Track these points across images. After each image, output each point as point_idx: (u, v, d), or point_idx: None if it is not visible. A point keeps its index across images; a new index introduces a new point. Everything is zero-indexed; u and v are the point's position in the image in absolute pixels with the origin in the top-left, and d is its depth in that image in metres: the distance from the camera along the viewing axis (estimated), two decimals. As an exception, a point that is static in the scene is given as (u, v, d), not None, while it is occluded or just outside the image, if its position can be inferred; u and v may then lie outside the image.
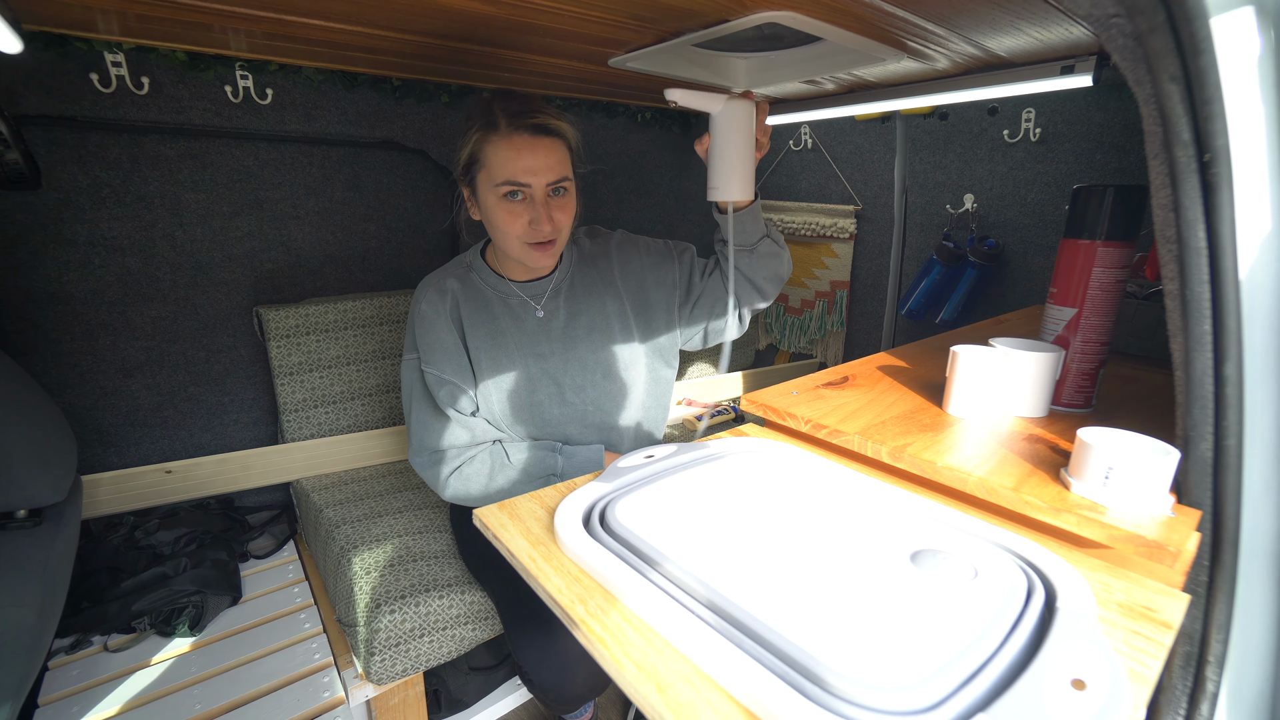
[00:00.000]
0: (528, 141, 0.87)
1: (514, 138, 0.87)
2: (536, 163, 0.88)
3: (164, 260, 1.32)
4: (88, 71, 1.16)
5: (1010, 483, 0.53)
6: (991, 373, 0.66)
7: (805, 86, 1.42)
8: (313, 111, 1.40)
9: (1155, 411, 0.72)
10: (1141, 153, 0.47)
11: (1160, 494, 0.48)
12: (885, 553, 0.46)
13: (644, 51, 1.09)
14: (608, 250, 1.08)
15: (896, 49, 1.03)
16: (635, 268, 1.07)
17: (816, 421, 0.67)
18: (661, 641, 0.40)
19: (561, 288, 1.03)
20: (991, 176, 1.59)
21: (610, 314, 1.04)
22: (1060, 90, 1.19)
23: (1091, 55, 1.07)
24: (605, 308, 1.04)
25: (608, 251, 1.08)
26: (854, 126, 1.87)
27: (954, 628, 0.37)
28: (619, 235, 1.11)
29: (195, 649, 1.06)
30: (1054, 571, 0.44)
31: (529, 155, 0.87)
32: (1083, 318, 0.69)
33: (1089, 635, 0.37)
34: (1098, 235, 0.66)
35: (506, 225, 0.90)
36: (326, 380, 1.42)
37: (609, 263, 1.07)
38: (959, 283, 1.62)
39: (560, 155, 0.90)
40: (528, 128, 0.87)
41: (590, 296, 1.04)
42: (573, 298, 1.03)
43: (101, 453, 1.33)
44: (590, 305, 1.03)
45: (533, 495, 0.58)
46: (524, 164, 0.87)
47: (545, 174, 0.88)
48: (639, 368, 1.07)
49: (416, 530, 1.19)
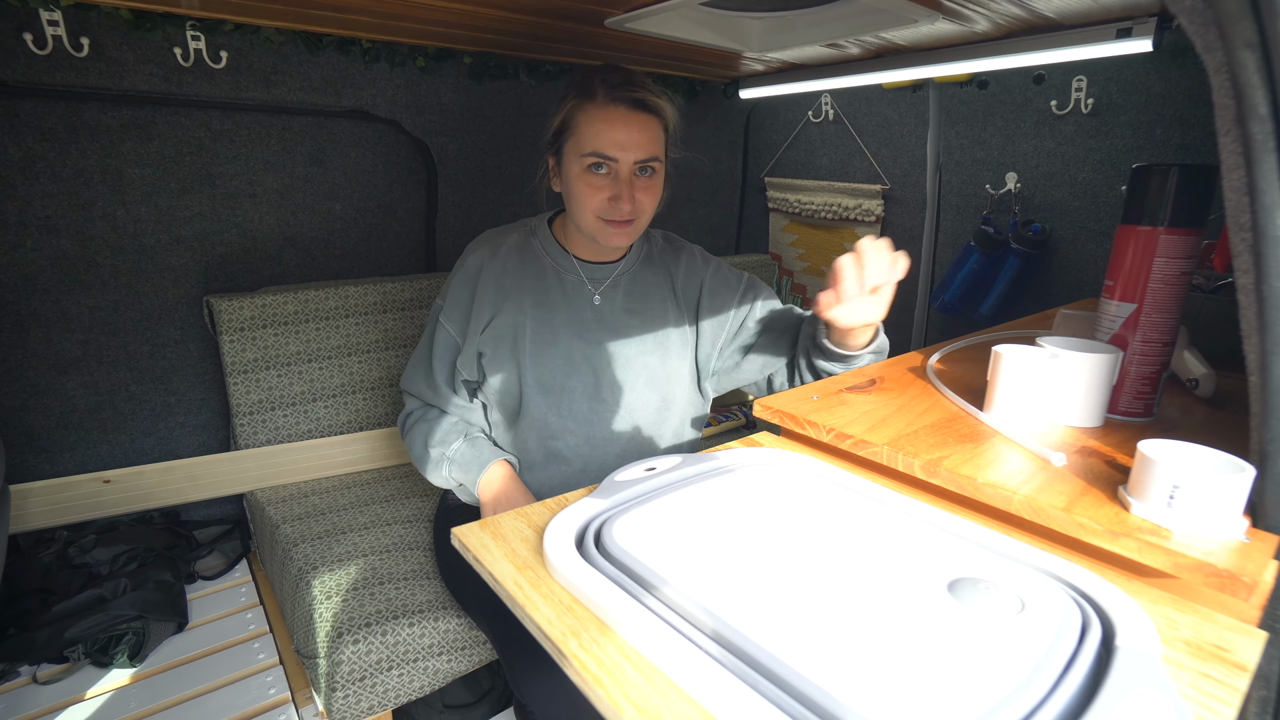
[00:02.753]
0: (622, 115, 0.91)
1: (609, 110, 0.91)
2: (628, 138, 0.91)
3: (104, 243, 1.31)
4: (20, 31, 1.15)
5: (1061, 502, 0.52)
6: (1039, 376, 0.66)
7: (827, 50, 1.41)
8: (272, 77, 1.39)
9: (1226, 422, 0.71)
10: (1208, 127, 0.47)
11: (1233, 516, 0.47)
12: (919, 581, 0.45)
13: (645, 10, 1.09)
14: (679, 257, 1.12)
15: (931, 8, 1.02)
16: (695, 284, 1.10)
17: (840, 430, 0.67)
18: (665, 680, 0.39)
19: (622, 280, 1.06)
20: (1037, 153, 1.58)
21: (669, 321, 1.07)
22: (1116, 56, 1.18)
23: (1152, 17, 1.06)
24: (666, 314, 1.08)
25: (678, 258, 1.12)
26: (881, 96, 1.86)
27: (998, 668, 0.37)
28: (695, 248, 1.15)
29: (135, 681, 1.06)
30: (1112, 604, 0.43)
31: (621, 129, 0.91)
32: (1143, 314, 0.68)
33: (1153, 678, 0.36)
34: (1160, 221, 0.66)
35: (586, 198, 0.94)
36: (285, 379, 1.41)
37: (677, 269, 1.11)
38: (1000, 273, 1.62)
39: (654, 134, 0.94)
40: (625, 100, 0.91)
41: (650, 297, 1.07)
42: (633, 293, 1.06)
43: (32, 459, 1.32)
44: (649, 306, 1.07)
45: (519, 512, 0.58)
46: (614, 137, 0.91)
47: (635, 150, 0.92)
48: (683, 385, 1.09)
49: (384, 549, 1.18)
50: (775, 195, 2.19)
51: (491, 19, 1.23)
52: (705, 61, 1.63)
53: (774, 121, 2.16)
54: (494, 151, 1.71)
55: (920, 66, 1.37)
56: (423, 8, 1.14)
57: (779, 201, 2.18)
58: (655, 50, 1.51)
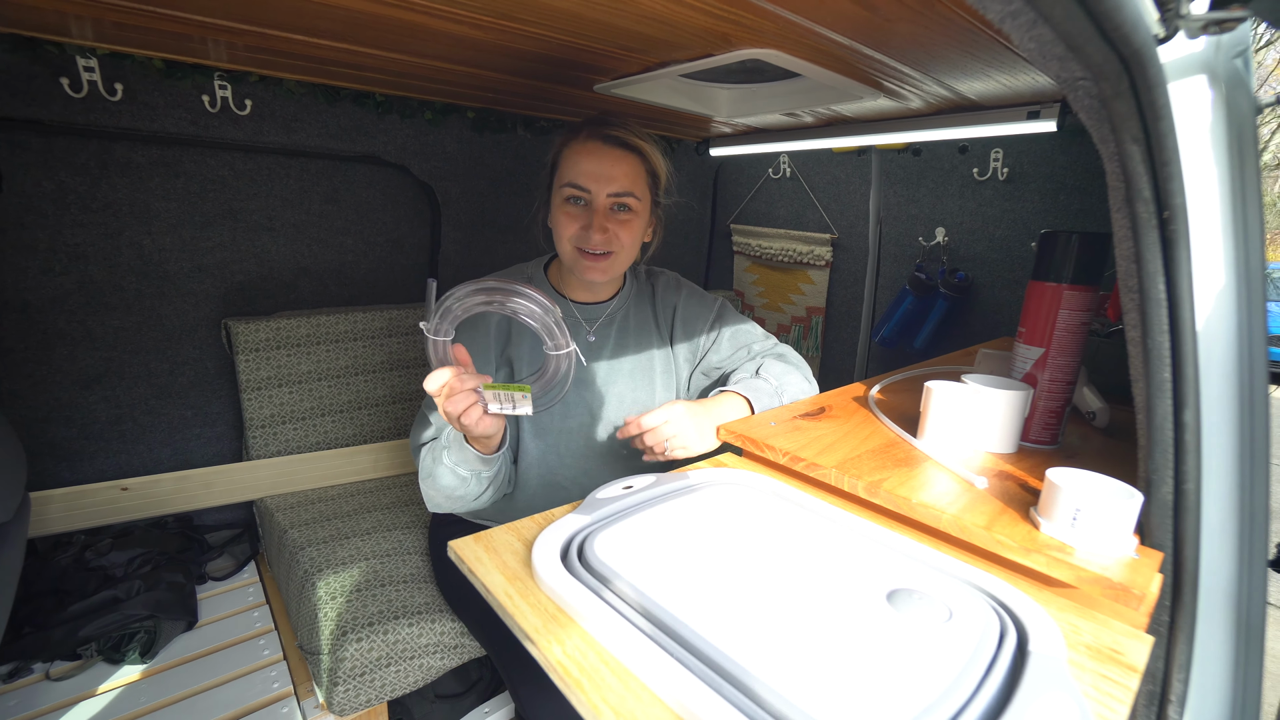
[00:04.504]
0: (599, 149, 0.87)
1: (588, 144, 0.88)
2: (602, 170, 0.87)
3: (129, 269, 1.27)
4: (58, 76, 1.12)
5: (982, 521, 0.54)
6: (964, 409, 0.68)
7: (785, 118, 1.46)
8: (292, 124, 1.38)
9: (1116, 449, 0.74)
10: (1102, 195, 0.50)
11: (1125, 536, 0.49)
12: (863, 591, 0.46)
13: (630, 79, 1.11)
14: (655, 285, 1.07)
15: (873, 88, 1.07)
16: (669, 310, 1.06)
17: (794, 454, 0.68)
18: (639, 685, 0.39)
19: (616, 317, 1.01)
20: (962, 212, 1.64)
21: (654, 355, 1.03)
22: (1027, 133, 1.24)
23: (1056, 102, 1.12)
24: (650, 348, 1.03)
25: (655, 286, 1.07)
26: (831, 158, 1.91)
27: (930, 672, 0.38)
28: (671, 275, 1.10)
29: (146, 677, 1.01)
30: (1025, 613, 0.44)
31: (596, 162, 0.87)
32: (1050, 357, 0.71)
33: (1060, 680, 0.37)
34: (1064, 279, 0.69)
35: (563, 228, 0.90)
36: (296, 396, 1.38)
37: (655, 298, 1.06)
38: (930, 313, 1.67)
39: (629, 169, 0.89)
40: (603, 136, 0.88)
41: (640, 334, 1.03)
42: (624, 331, 1.02)
43: (53, 467, 1.26)
44: (638, 342, 1.02)
45: (510, 527, 0.57)
46: (589, 168, 0.87)
47: (608, 183, 0.87)
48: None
49: (385, 553, 1.15)
50: (739, 240, 2.23)
51: (493, 80, 1.24)
52: (680, 123, 1.67)
53: (739, 176, 2.20)
54: (492, 195, 1.72)
55: (864, 135, 1.42)
56: (431, 68, 1.15)
57: (743, 246, 2.22)
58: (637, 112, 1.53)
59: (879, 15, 0.70)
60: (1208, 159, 0.49)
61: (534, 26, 0.85)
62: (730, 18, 0.75)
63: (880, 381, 0.98)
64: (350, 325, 1.43)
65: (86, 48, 1.12)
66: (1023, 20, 0.39)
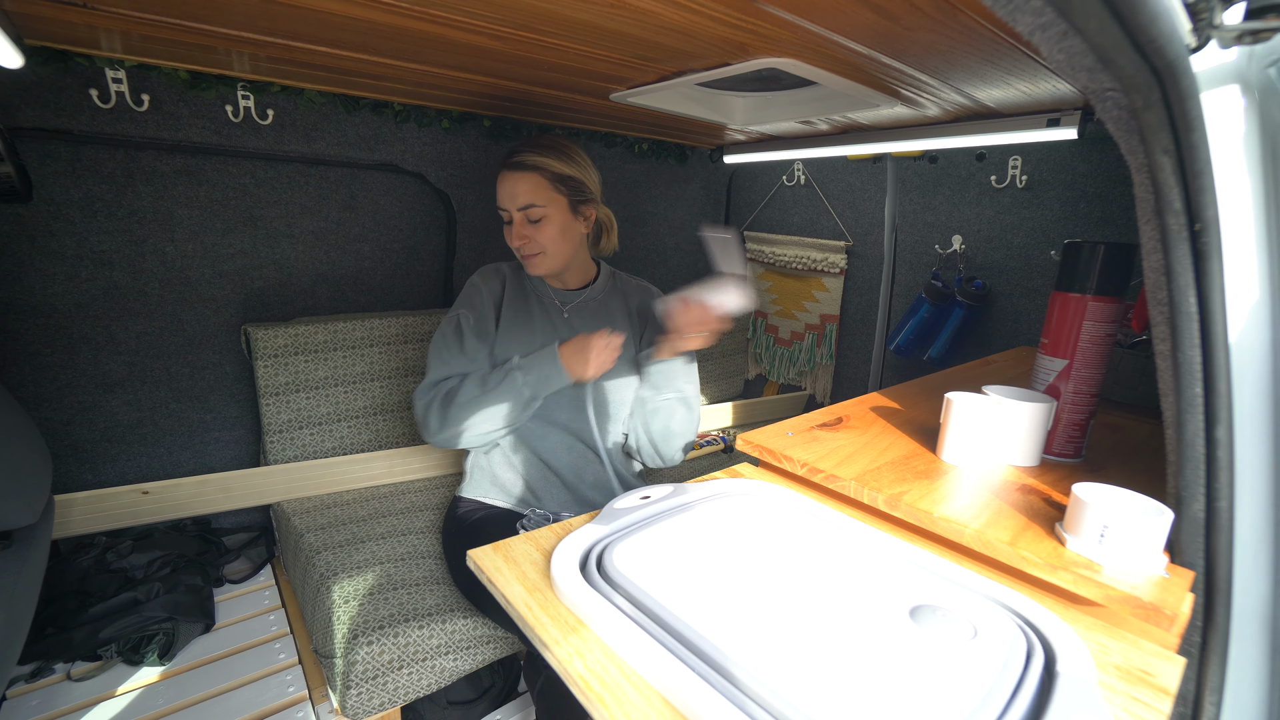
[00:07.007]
0: (506, 175, 1.06)
1: (500, 174, 1.07)
2: (507, 191, 1.06)
3: (153, 275, 1.29)
4: (87, 87, 1.15)
5: (1006, 536, 0.53)
6: (986, 421, 0.67)
7: (800, 126, 1.45)
8: (313, 133, 1.40)
9: (1143, 463, 0.73)
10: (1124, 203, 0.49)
11: (1154, 554, 0.48)
12: (885, 608, 0.45)
13: (645, 88, 1.11)
14: (635, 289, 1.25)
15: (890, 96, 1.06)
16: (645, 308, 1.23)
17: (813, 465, 0.67)
18: (660, 700, 0.39)
19: (589, 303, 1.19)
20: (979, 220, 1.63)
21: (629, 333, 1.18)
22: (1046, 141, 1.23)
23: (1077, 109, 1.10)
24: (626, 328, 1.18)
25: (634, 290, 1.25)
26: (846, 165, 1.90)
27: (955, 692, 0.37)
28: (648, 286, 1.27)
29: (164, 679, 1.02)
30: (1052, 632, 0.43)
31: (504, 185, 1.06)
32: (1074, 369, 0.70)
33: (1091, 703, 0.37)
34: (1089, 289, 0.68)
35: (507, 240, 1.10)
36: (313, 401, 1.39)
37: (633, 297, 1.24)
38: (946, 321, 1.65)
39: (530, 185, 1.05)
40: (507, 164, 1.07)
41: (612, 317, 1.20)
42: (600, 312, 1.19)
43: (76, 470, 1.28)
44: (610, 321, 1.18)
45: (528, 537, 0.57)
46: (501, 193, 1.07)
47: (513, 199, 1.06)
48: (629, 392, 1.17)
49: (399, 557, 1.16)
50: (753, 247, 2.22)
51: (509, 89, 1.25)
52: (695, 131, 1.67)
53: (753, 183, 2.20)
54: None
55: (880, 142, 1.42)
56: (450, 78, 1.16)
57: (756, 253, 2.22)
58: (652, 120, 1.54)
59: (899, 24, 0.70)
60: (1240, 170, 0.48)
61: (552, 37, 0.85)
62: (749, 27, 0.75)
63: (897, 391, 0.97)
64: (367, 331, 1.44)
65: (115, 60, 1.15)
66: (1053, 32, 0.38)
